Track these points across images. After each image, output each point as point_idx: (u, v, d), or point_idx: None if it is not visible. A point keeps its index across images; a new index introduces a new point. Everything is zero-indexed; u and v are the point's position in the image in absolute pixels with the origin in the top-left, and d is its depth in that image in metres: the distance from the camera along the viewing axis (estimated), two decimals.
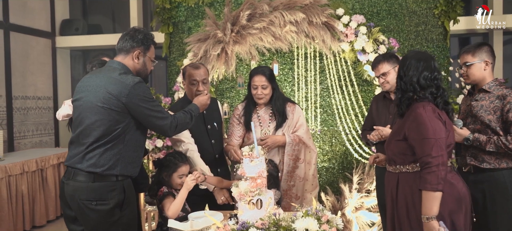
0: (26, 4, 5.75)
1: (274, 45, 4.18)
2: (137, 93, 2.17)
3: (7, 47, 5.40)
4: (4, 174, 4.28)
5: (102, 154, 2.17)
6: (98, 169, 2.16)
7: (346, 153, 4.32)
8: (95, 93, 2.19)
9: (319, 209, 2.03)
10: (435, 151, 2.00)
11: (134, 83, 2.18)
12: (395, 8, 4.23)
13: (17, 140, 5.60)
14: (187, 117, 2.43)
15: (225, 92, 4.51)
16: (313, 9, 4.04)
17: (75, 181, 2.19)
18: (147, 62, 2.36)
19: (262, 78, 2.93)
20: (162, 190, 2.50)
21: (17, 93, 5.60)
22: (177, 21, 4.63)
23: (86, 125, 2.19)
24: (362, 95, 4.27)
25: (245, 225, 1.97)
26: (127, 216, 2.27)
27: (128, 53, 2.30)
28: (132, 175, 2.32)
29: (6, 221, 4.26)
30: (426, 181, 2.00)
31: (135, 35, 2.30)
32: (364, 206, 3.91)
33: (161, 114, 2.27)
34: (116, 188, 2.21)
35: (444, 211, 2.04)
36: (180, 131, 2.41)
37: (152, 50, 2.40)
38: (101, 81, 2.21)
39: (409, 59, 2.19)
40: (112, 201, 2.19)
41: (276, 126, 2.98)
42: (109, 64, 2.31)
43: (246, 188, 2.26)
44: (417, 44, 4.21)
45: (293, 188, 2.96)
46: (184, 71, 2.94)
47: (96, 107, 2.17)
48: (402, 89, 2.18)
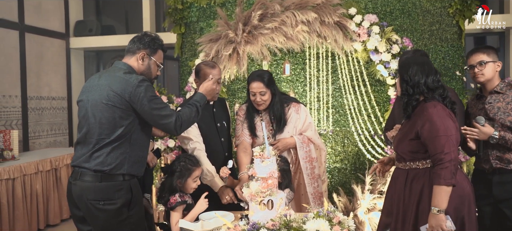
0: (41, 5, 5.83)
1: (285, 45, 4.17)
2: (140, 91, 2.18)
3: (22, 48, 5.48)
4: (20, 173, 4.35)
5: (109, 152, 2.18)
6: (106, 167, 2.18)
7: (359, 153, 4.28)
8: (100, 92, 2.21)
9: (330, 210, 2.01)
10: (447, 147, 2.11)
11: (138, 81, 2.19)
12: (409, 7, 4.17)
13: (32, 139, 5.68)
14: (193, 110, 2.38)
15: (237, 92, 4.51)
16: (325, 9, 4.01)
17: (82, 181, 2.20)
18: (152, 65, 2.36)
19: (260, 85, 2.82)
20: (175, 199, 2.43)
21: (32, 94, 5.68)
22: (189, 21, 4.65)
23: (91, 123, 2.21)
24: (375, 95, 4.22)
25: (256, 226, 1.96)
26: (135, 216, 2.28)
27: (134, 55, 2.33)
28: (138, 175, 2.33)
29: (21, 219, 4.33)
30: (440, 176, 2.10)
31: (143, 38, 2.34)
32: (377, 208, 3.87)
33: (165, 112, 2.25)
34: (123, 187, 2.22)
35: (449, 207, 2.13)
36: (186, 128, 2.38)
37: (160, 55, 2.40)
38: (105, 80, 2.23)
39: (411, 64, 2.27)
40: (119, 200, 2.20)
41: (275, 133, 2.92)
42: (115, 65, 2.35)
43: (257, 188, 2.25)
44: (431, 43, 4.15)
45: (318, 187, 2.95)
46: (199, 70, 2.92)
47: (101, 105, 2.19)
48: (408, 94, 2.26)
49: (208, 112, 2.95)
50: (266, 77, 2.84)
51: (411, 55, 2.44)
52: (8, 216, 4.20)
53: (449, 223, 2.11)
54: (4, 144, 4.64)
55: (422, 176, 2.25)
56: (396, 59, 3.97)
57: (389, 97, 4.13)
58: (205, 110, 2.94)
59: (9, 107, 5.33)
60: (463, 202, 2.22)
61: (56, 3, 6.12)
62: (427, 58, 2.33)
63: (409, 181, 2.29)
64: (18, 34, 5.43)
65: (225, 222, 2.13)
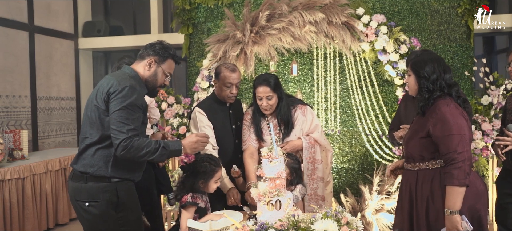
0: (50, 6, 5.89)
1: (293, 45, 4.17)
2: (123, 94, 2.10)
3: (31, 49, 5.54)
4: (29, 173, 4.39)
5: (93, 154, 2.18)
6: (89, 169, 2.17)
7: (366, 154, 4.27)
8: (96, 93, 2.21)
9: (338, 211, 2.01)
10: (461, 146, 2.06)
11: (127, 86, 2.12)
12: (417, 7, 4.15)
13: (41, 139, 5.74)
14: (151, 149, 2.13)
15: (244, 92, 4.51)
16: (333, 9, 4.00)
17: (73, 181, 2.24)
18: (159, 73, 2.31)
19: (267, 89, 2.78)
20: (186, 198, 2.42)
21: (41, 94, 5.73)
22: (196, 22, 4.66)
23: (84, 122, 2.24)
24: (383, 96, 4.21)
25: (264, 226, 1.96)
26: (125, 218, 2.23)
27: (142, 60, 2.31)
28: (130, 179, 2.28)
29: (30, 218, 4.37)
30: (453, 176, 2.05)
31: (154, 45, 2.32)
32: (385, 208, 3.85)
33: (122, 127, 2.07)
34: (108, 189, 2.18)
35: (464, 206, 2.09)
36: (127, 156, 2.11)
37: (169, 64, 2.34)
38: (105, 81, 2.23)
39: (427, 61, 2.23)
40: (104, 202, 2.17)
41: (283, 137, 2.90)
42: (123, 69, 2.33)
43: (265, 188, 2.25)
44: (440, 43, 4.13)
45: (317, 190, 2.93)
46: (218, 72, 2.90)
47: (91, 105, 2.20)
48: (428, 90, 2.21)
49: (224, 113, 2.96)
50: (272, 81, 2.80)
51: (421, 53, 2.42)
52: (18, 215, 4.25)
53: (465, 223, 2.06)
54: (14, 143, 4.69)
55: (432, 176, 2.20)
56: (404, 59, 3.95)
57: (397, 98, 4.11)
58: (221, 112, 2.95)
59: (19, 108, 5.39)
60: (478, 201, 2.18)
61: (65, 4, 6.18)
62: (438, 55, 2.31)
63: (420, 183, 2.25)
64: (28, 35, 5.49)
65: (234, 222, 2.13)
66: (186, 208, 2.42)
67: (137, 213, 2.33)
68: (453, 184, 2.05)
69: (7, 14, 5.18)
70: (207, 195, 2.57)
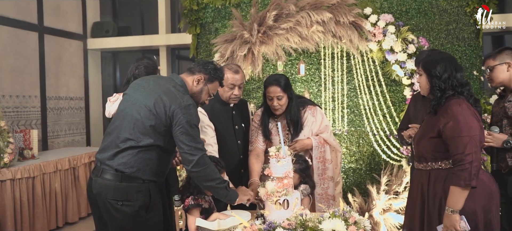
0: (60, 7, 5.95)
1: (300, 45, 4.17)
2: (185, 113, 2.19)
3: (41, 50, 5.60)
4: (39, 172, 4.44)
5: (134, 155, 2.19)
6: (127, 169, 2.18)
7: (374, 153, 4.26)
8: (147, 95, 2.23)
9: (346, 210, 2.02)
10: (469, 148, 2.05)
11: (187, 104, 2.21)
12: (425, 6, 4.14)
13: (50, 139, 5.80)
14: (218, 181, 2.28)
15: (252, 92, 4.53)
16: (340, 9, 4.00)
17: (103, 179, 2.21)
18: (204, 91, 2.41)
19: (277, 89, 2.79)
20: (187, 202, 2.42)
21: (50, 94, 5.79)
22: (204, 22, 4.68)
23: (126, 120, 2.22)
24: (390, 95, 4.20)
25: (272, 225, 1.97)
26: (152, 219, 2.27)
27: (193, 75, 2.39)
28: (157, 181, 2.33)
29: (40, 217, 4.43)
30: (459, 177, 2.05)
31: (207, 64, 2.41)
32: (392, 208, 3.85)
33: (194, 148, 2.20)
34: (142, 190, 2.22)
35: (477, 206, 2.10)
36: (198, 177, 2.27)
37: (215, 85, 2.45)
38: (157, 86, 2.26)
39: (439, 60, 2.22)
40: (137, 202, 2.20)
41: (292, 137, 2.91)
42: (172, 77, 2.40)
43: (273, 188, 2.27)
44: (448, 43, 4.11)
45: (328, 189, 2.94)
46: None
47: (143, 108, 2.20)
48: (441, 89, 2.20)
49: (226, 114, 2.96)
50: (283, 82, 2.81)
51: (431, 52, 2.42)
52: (28, 213, 4.30)
53: (463, 223, 2.07)
54: (24, 143, 4.75)
55: (445, 176, 2.18)
56: (412, 59, 3.94)
57: (405, 97, 4.10)
58: (224, 112, 2.95)
59: (29, 108, 5.45)
60: (491, 201, 2.18)
61: (74, 5, 6.24)
62: (450, 54, 2.32)
63: (432, 183, 2.24)
64: (38, 36, 5.55)
65: (242, 221, 2.14)
66: (190, 211, 2.42)
67: (161, 215, 2.38)
68: (458, 185, 2.06)
69: (17, 15, 5.24)
70: (211, 195, 2.58)
